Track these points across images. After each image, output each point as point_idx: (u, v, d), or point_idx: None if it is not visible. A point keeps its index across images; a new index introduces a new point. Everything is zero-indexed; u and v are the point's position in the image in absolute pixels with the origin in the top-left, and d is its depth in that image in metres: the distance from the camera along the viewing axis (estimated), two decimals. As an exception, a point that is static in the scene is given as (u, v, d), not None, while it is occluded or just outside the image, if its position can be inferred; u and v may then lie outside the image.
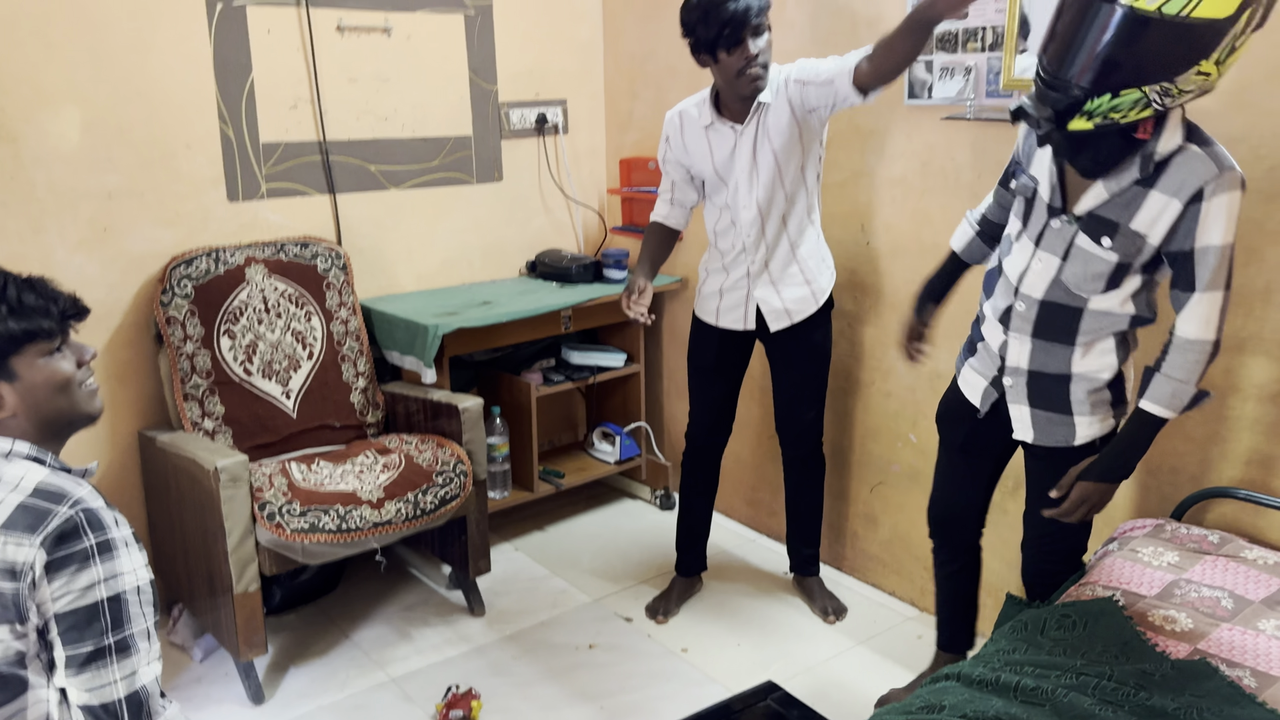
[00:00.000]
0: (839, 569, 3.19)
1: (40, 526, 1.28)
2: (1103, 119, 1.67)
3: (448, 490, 2.69)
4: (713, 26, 2.38)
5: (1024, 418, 2.02)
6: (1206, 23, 1.56)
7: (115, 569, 1.31)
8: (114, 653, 1.30)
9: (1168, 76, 1.62)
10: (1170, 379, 1.80)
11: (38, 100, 2.58)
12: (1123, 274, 1.83)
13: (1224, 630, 1.82)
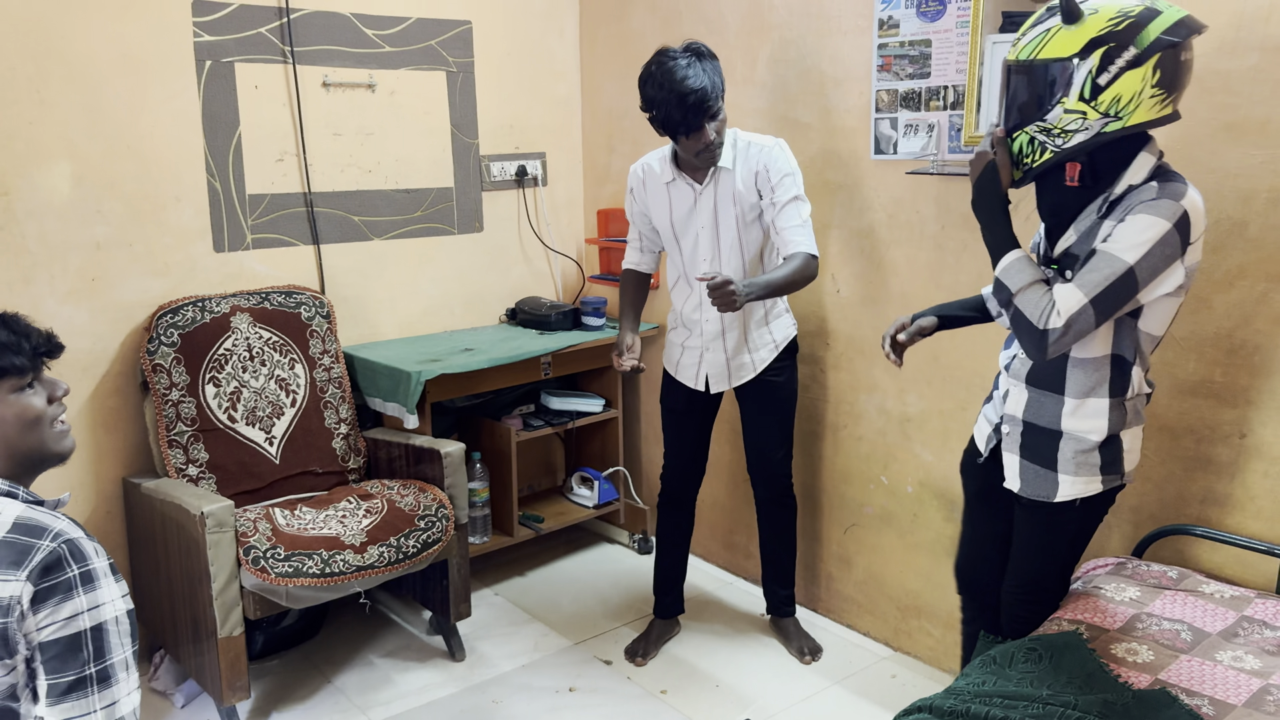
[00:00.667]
0: (814, 610, 3.24)
1: (25, 561, 1.30)
2: (1021, 165, 1.86)
3: (430, 534, 2.74)
4: (674, 114, 2.50)
5: (1013, 466, 2.06)
6: (1054, 62, 1.75)
7: (97, 599, 1.33)
8: (95, 683, 1.32)
9: (1040, 116, 1.79)
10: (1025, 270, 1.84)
11: (31, 155, 2.65)
12: None
13: (1183, 661, 1.90)
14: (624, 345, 2.76)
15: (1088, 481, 1.97)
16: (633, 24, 3.49)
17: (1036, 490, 2.03)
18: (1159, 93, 1.73)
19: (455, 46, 3.41)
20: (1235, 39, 2.08)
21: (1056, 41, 1.75)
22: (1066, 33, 1.74)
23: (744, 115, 3.13)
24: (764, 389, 2.84)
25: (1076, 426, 1.95)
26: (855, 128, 2.83)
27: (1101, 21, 1.72)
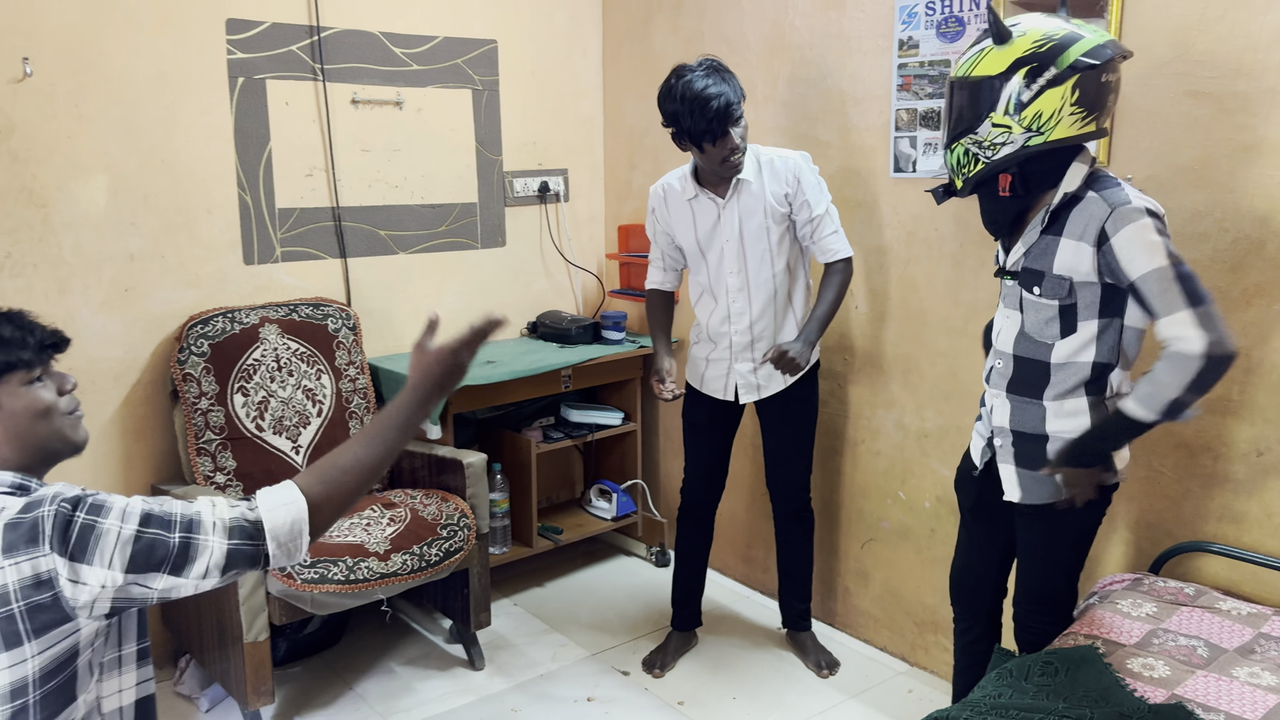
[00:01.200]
0: (831, 625, 3.26)
1: (38, 535, 1.29)
2: (959, 175, 2.00)
3: (452, 543, 2.78)
4: (699, 122, 2.55)
5: (1011, 476, 2.11)
6: (984, 79, 1.89)
7: (119, 507, 1.32)
8: (186, 547, 1.31)
9: (971, 129, 1.93)
10: (1151, 380, 1.83)
11: (69, 168, 2.72)
12: (1073, 317, 1.96)
13: (1200, 677, 1.91)
14: (663, 371, 2.81)
15: None
16: (655, 44, 3.55)
17: (1036, 495, 2.07)
18: (1079, 110, 1.86)
19: (481, 65, 3.48)
20: (1254, 61, 2.11)
21: (987, 60, 1.90)
22: (996, 53, 1.89)
23: (765, 133, 3.17)
24: (786, 404, 2.87)
25: (1059, 427, 2.02)
26: (875, 146, 2.87)
27: (1027, 43, 1.86)
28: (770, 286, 2.77)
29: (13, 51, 2.59)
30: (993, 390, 2.12)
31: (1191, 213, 2.24)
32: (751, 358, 2.83)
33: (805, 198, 2.69)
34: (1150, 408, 1.84)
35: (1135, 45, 2.27)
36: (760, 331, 2.80)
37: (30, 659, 1.31)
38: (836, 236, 2.74)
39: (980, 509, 2.27)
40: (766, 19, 3.13)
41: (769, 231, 2.72)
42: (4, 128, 2.61)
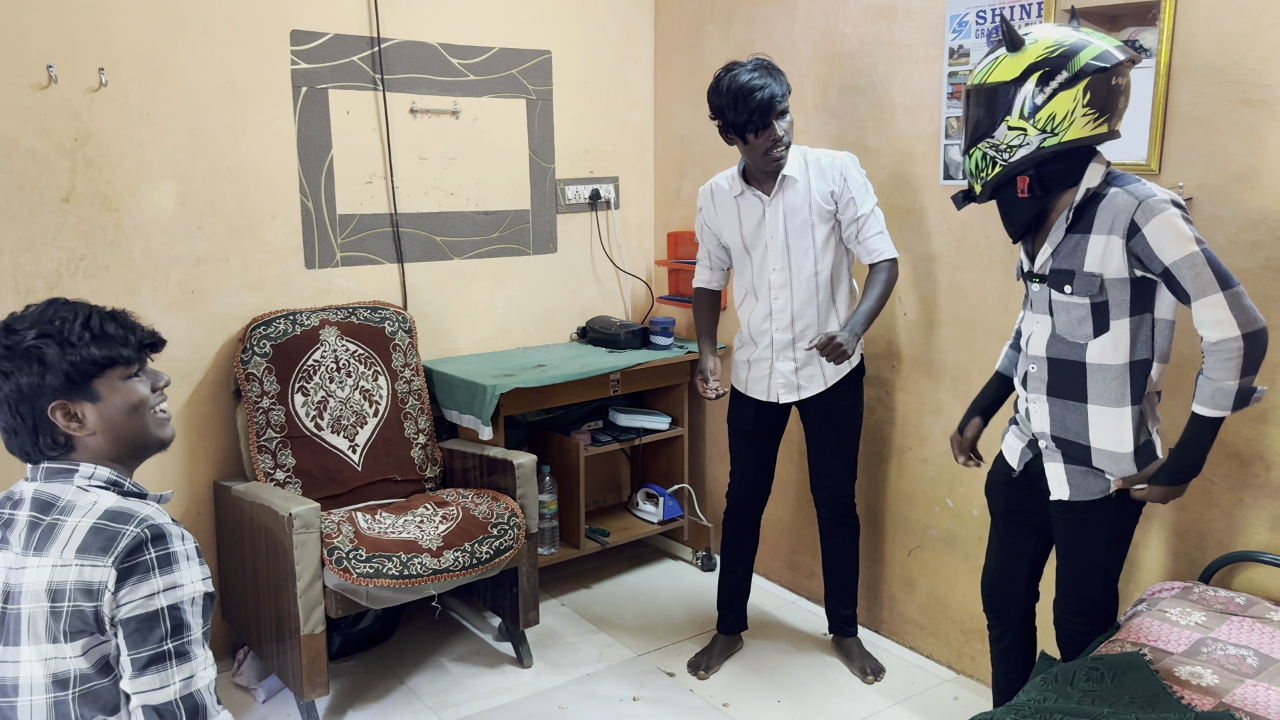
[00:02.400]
0: (877, 631, 3.27)
1: (112, 547, 1.40)
2: (978, 180, 2.06)
3: (502, 541, 2.84)
4: (742, 113, 2.62)
5: (1059, 475, 2.12)
6: (999, 85, 1.97)
7: (175, 580, 1.42)
8: (173, 657, 1.40)
9: (988, 134, 2.00)
10: (1209, 380, 1.89)
11: (140, 175, 2.83)
12: (1104, 316, 1.99)
13: (1248, 686, 1.90)
14: (707, 370, 2.86)
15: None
16: (706, 52, 3.59)
17: (1088, 491, 2.09)
18: (1091, 112, 1.92)
19: (535, 75, 3.55)
20: (1307, 69, 2.10)
21: (1002, 67, 1.97)
22: (1010, 60, 1.96)
23: (815, 139, 3.20)
24: (830, 409, 2.89)
25: (1102, 440, 2.04)
26: (925, 153, 2.89)
27: (1040, 49, 1.93)
28: (812, 285, 2.79)
29: (90, 62, 2.71)
30: (1031, 395, 2.14)
31: (1245, 220, 2.23)
32: (793, 356, 2.85)
33: (851, 195, 2.73)
34: (1220, 405, 1.90)
35: (1187, 54, 2.27)
36: (802, 330, 2.82)
37: (70, 658, 1.42)
38: (881, 237, 2.76)
39: (1012, 513, 2.29)
40: (817, 28, 3.16)
41: (814, 229, 2.75)
42: (81, 135, 2.73)
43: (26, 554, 1.44)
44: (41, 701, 1.43)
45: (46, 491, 1.48)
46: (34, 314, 1.51)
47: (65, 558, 1.41)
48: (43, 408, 1.48)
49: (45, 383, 1.47)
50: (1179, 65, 2.29)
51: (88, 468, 1.50)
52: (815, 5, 3.16)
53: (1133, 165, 2.39)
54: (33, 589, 1.42)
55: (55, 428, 1.49)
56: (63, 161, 2.71)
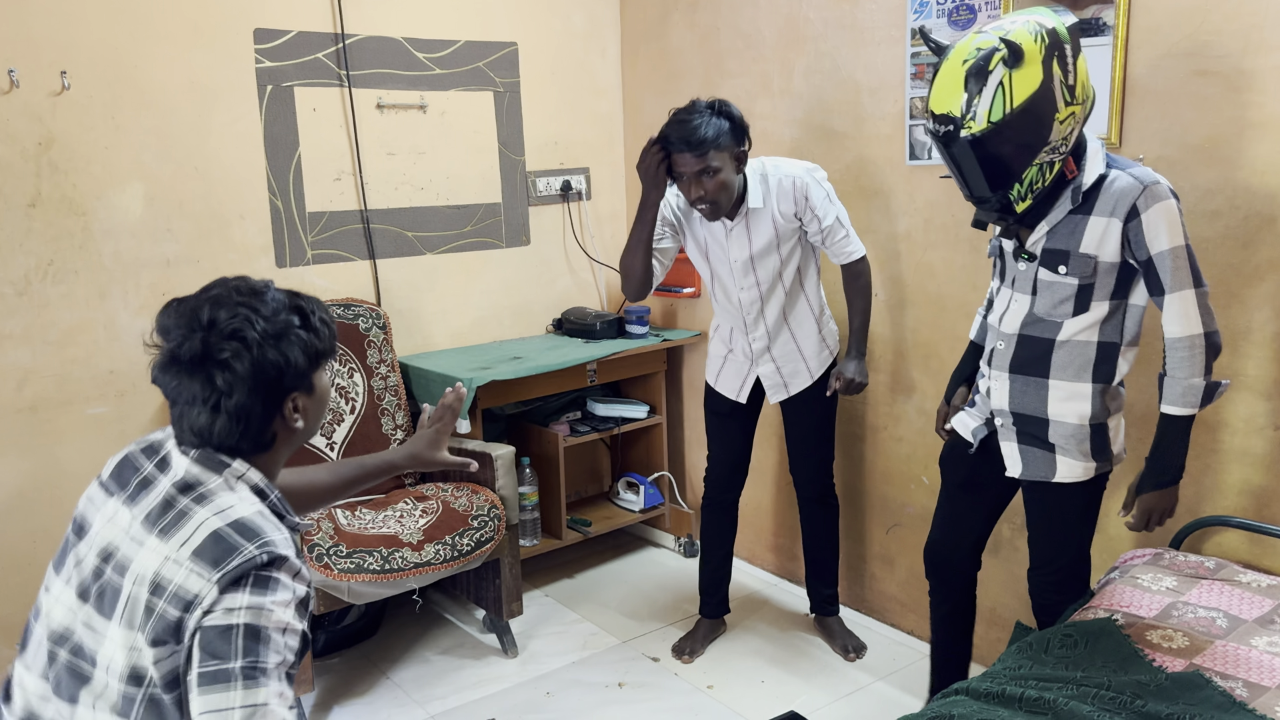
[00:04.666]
0: (858, 610, 3.30)
1: (223, 563, 1.26)
2: (1031, 195, 1.97)
3: (483, 533, 2.85)
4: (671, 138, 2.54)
5: (1013, 453, 2.18)
6: (1030, 99, 1.86)
7: (264, 603, 1.25)
8: (239, 678, 1.22)
9: (1043, 142, 1.90)
10: (1174, 379, 1.96)
11: (107, 178, 2.81)
12: (1088, 297, 2.01)
13: (1218, 646, 1.94)
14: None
15: (1085, 468, 2.11)
16: (672, 41, 3.60)
17: (1037, 471, 2.14)
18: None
19: (502, 67, 3.55)
20: (1260, 39, 2.13)
21: (1020, 83, 1.86)
22: (1021, 72, 1.86)
23: (781, 125, 3.22)
24: (808, 394, 2.92)
25: (1060, 411, 2.08)
26: (890, 135, 2.91)
27: (1033, 43, 1.86)
28: (782, 295, 2.83)
29: (52, 66, 2.69)
30: (995, 372, 2.17)
31: (1203, 190, 2.27)
32: (772, 358, 2.88)
33: (815, 214, 2.72)
34: (1190, 402, 1.96)
35: (1144, 28, 2.31)
36: (776, 332, 2.86)
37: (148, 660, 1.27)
38: (848, 239, 2.78)
39: (967, 485, 2.34)
40: (780, 12, 3.18)
41: (778, 247, 2.76)
42: (45, 139, 2.71)
43: (150, 531, 1.30)
44: (115, 689, 1.27)
45: (195, 472, 1.34)
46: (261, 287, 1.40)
47: (180, 555, 1.27)
48: (283, 395, 1.37)
49: (296, 367, 1.37)
50: (1136, 39, 2.32)
51: (242, 466, 1.37)
52: (778, -10, 3.17)
53: (1093, 139, 2.42)
54: (142, 572, 1.28)
55: (281, 419, 1.39)
56: (27, 166, 2.70)
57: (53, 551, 2.79)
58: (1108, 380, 2.07)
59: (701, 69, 3.50)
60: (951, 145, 1.93)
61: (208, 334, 1.33)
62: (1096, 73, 2.39)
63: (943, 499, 2.42)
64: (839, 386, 2.75)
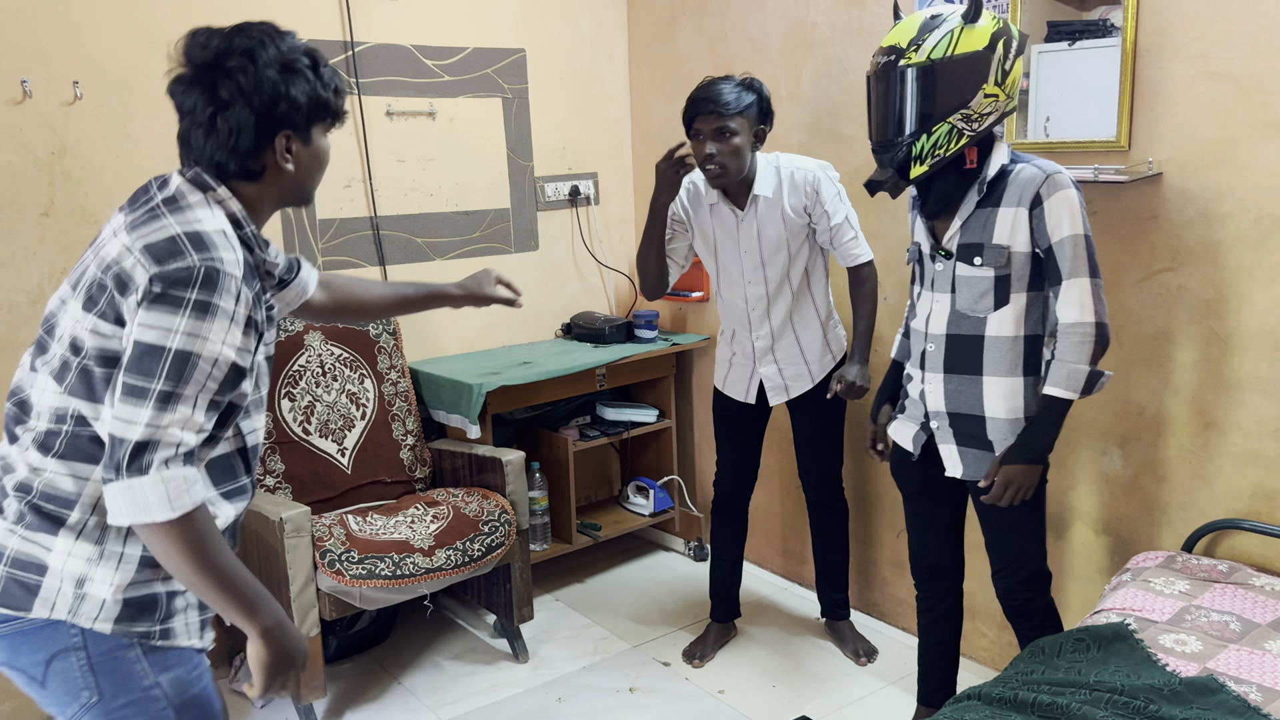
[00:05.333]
0: (869, 614, 3.29)
1: (165, 261, 1.33)
2: (931, 158, 2.04)
3: (493, 538, 2.85)
4: (688, 110, 2.64)
5: (952, 455, 2.22)
6: (969, 55, 1.98)
7: (201, 330, 1.32)
8: (154, 399, 1.30)
9: (964, 103, 1.99)
10: (1062, 363, 2.02)
11: (119, 186, 2.83)
12: (1006, 289, 2.07)
13: (1232, 651, 1.93)
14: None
15: None
16: (680, 46, 3.61)
17: (977, 471, 2.18)
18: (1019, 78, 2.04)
19: (510, 74, 3.56)
20: (1269, 41, 2.13)
21: (967, 38, 1.99)
22: (971, 30, 1.99)
23: (789, 129, 3.22)
24: (814, 398, 2.92)
25: (995, 410, 2.13)
26: (898, 139, 2.90)
27: (990, 19, 2.01)
28: (789, 291, 2.83)
29: (64, 76, 2.71)
30: (929, 375, 2.21)
31: (1214, 193, 2.26)
32: (774, 360, 2.88)
33: (824, 209, 2.73)
34: (1073, 387, 2.02)
35: (1153, 30, 2.30)
36: (780, 333, 2.86)
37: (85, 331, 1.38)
38: (856, 241, 2.78)
39: (923, 490, 2.37)
40: (788, 17, 3.18)
41: (788, 244, 2.77)
42: (58, 149, 2.73)
43: (126, 227, 1.39)
44: (57, 354, 1.40)
45: (183, 189, 1.42)
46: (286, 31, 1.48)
47: (134, 245, 1.35)
48: (275, 128, 1.44)
49: (294, 102, 1.44)
50: (1145, 42, 2.32)
51: (224, 192, 1.44)
52: (786, -5, 3.18)
53: (1102, 143, 2.42)
54: (104, 256, 1.38)
55: (272, 153, 1.45)
56: (40, 176, 2.72)
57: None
58: (1037, 372, 2.12)
59: (709, 73, 3.48)
60: (887, 76, 2.03)
61: (222, 48, 1.43)
62: (1104, 75, 2.39)
63: (907, 510, 2.46)
64: (839, 389, 2.74)
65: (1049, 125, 2.55)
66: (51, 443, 1.41)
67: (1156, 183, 2.34)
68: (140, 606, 1.43)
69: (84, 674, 1.41)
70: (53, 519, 1.41)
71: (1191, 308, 2.34)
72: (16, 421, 1.45)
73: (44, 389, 1.42)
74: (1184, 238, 2.33)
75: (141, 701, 1.44)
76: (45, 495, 1.41)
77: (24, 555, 1.40)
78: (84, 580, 1.40)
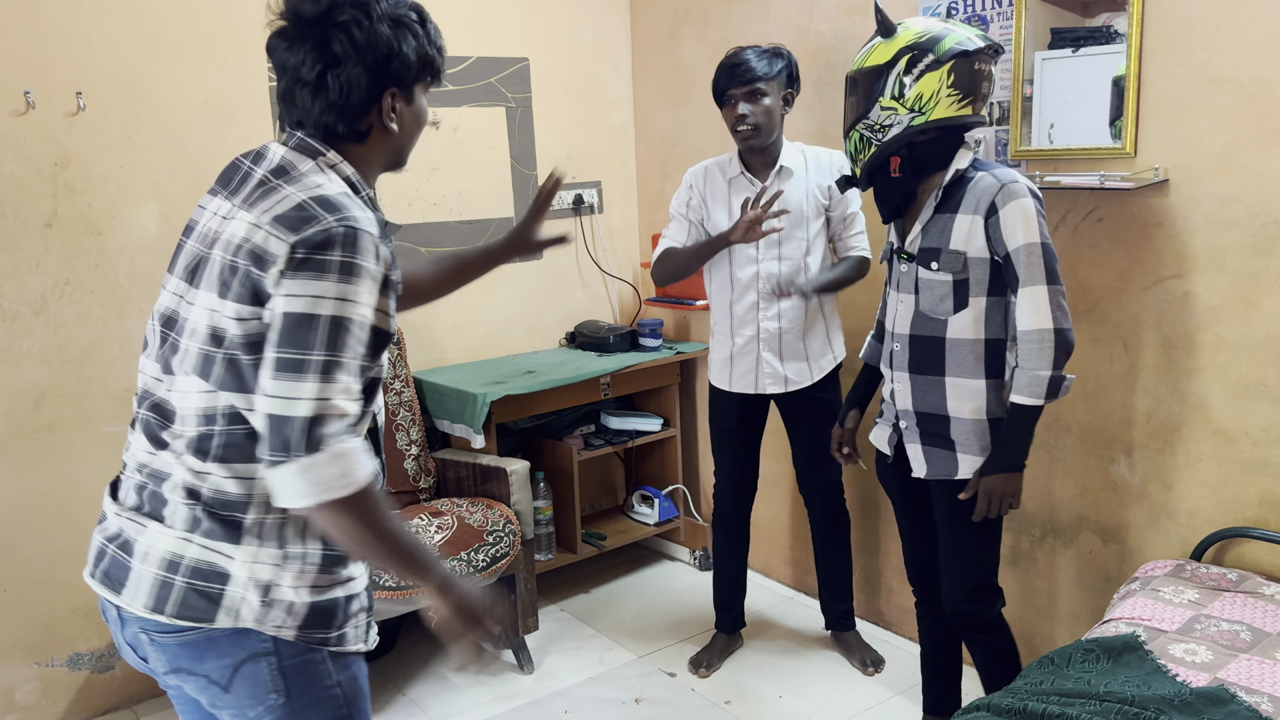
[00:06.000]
0: (876, 623, 3.28)
1: (301, 228, 1.28)
2: (856, 162, 2.18)
3: (498, 549, 2.84)
4: (719, 78, 2.73)
5: (918, 455, 2.24)
6: (873, 68, 2.10)
7: (349, 293, 1.27)
8: (316, 370, 1.25)
9: (864, 115, 2.12)
10: (1024, 370, 2.05)
11: (122, 197, 2.83)
12: (964, 293, 2.10)
13: (1243, 660, 1.92)
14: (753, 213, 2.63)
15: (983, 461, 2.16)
16: (683, 54, 3.61)
17: (939, 470, 2.20)
18: (955, 93, 2.06)
19: (514, 83, 3.56)
20: (1275, 47, 2.12)
21: (876, 52, 2.11)
22: (883, 45, 2.10)
23: (793, 137, 3.21)
24: (811, 406, 2.91)
25: (960, 410, 2.15)
26: (902, 146, 2.90)
27: (910, 35, 2.09)
28: (804, 276, 2.81)
29: (67, 87, 2.71)
30: (896, 374, 2.25)
31: (1220, 199, 2.25)
32: (778, 350, 2.86)
33: (844, 195, 2.78)
34: (1036, 393, 2.04)
35: (1157, 36, 2.30)
36: (790, 322, 2.84)
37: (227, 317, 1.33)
38: (861, 237, 2.87)
39: (906, 494, 2.38)
40: (791, 25, 3.18)
41: (809, 222, 2.80)
42: (61, 160, 2.73)
43: (240, 208, 1.36)
44: (195, 349, 1.34)
45: (290, 159, 1.39)
46: None
47: (262, 219, 1.31)
48: (386, 82, 1.40)
49: (403, 59, 1.41)
50: (1150, 48, 2.31)
51: (335, 156, 1.41)
52: (789, 2, 3.18)
53: (1108, 150, 2.41)
54: (229, 239, 1.33)
55: (378, 113, 1.42)
56: (44, 187, 2.71)
57: (72, 572, 2.82)
58: (1000, 375, 2.14)
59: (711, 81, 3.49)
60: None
61: (334, 0, 1.37)
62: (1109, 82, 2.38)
63: (897, 516, 2.47)
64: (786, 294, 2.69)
65: (1053, 132, 2.54)
66: (206, 446, 1.35)
67: (1162, 189, 2.34)
68: (322, 613, 1.41)
69: (274, 678, 1.39)
70: (230, 524, 1.36)
71: (1198, 314, 2.33)
72: (160, 427, 1.40)
73: (186, 389, 1.36)
74: (1190, 244, 2.32)
75: (323, 702, 1.43)
76: (215, 500, 1.36)
77: (204, 564, 1.36)
78: (270, 587, 1.37)
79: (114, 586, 1.40)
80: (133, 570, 1.39)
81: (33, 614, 2.80)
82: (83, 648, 2.89)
